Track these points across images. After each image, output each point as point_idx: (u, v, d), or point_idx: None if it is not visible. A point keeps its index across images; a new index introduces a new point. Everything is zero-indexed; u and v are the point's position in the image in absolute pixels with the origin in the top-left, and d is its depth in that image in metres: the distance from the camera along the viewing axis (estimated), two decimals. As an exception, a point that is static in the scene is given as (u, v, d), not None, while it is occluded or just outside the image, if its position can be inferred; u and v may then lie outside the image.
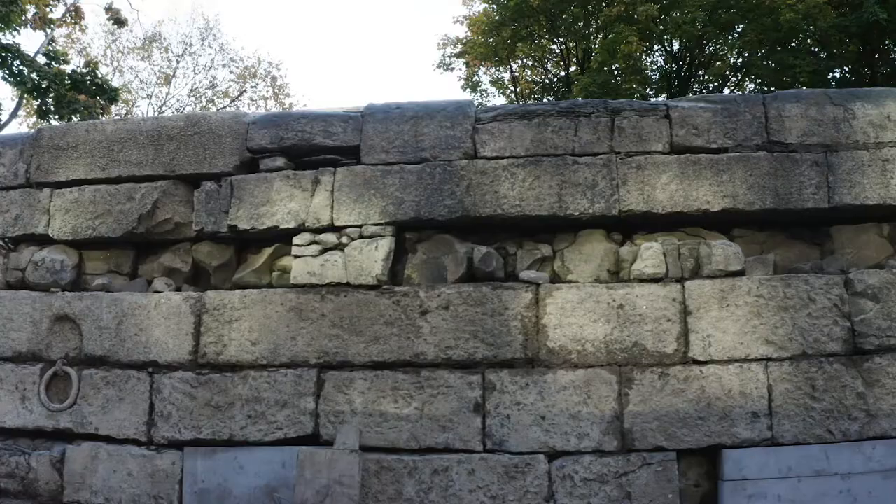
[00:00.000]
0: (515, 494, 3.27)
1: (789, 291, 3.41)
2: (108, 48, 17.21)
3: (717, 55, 11.51)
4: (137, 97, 17.57)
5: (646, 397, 3.31)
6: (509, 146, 3.56)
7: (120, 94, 11.35)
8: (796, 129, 3.59)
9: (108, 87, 9.57)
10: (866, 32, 9.36)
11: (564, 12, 11.05)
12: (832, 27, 9.35)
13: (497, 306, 3.41)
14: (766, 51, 10.08)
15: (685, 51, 11.44)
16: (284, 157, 3.65)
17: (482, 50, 12.12)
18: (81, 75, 9.21)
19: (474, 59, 12.63)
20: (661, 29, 10.56)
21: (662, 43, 11.36)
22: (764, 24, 9.83)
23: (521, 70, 13.19)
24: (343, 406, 3.40)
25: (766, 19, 9.72)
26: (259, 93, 18.32)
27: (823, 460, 3.33)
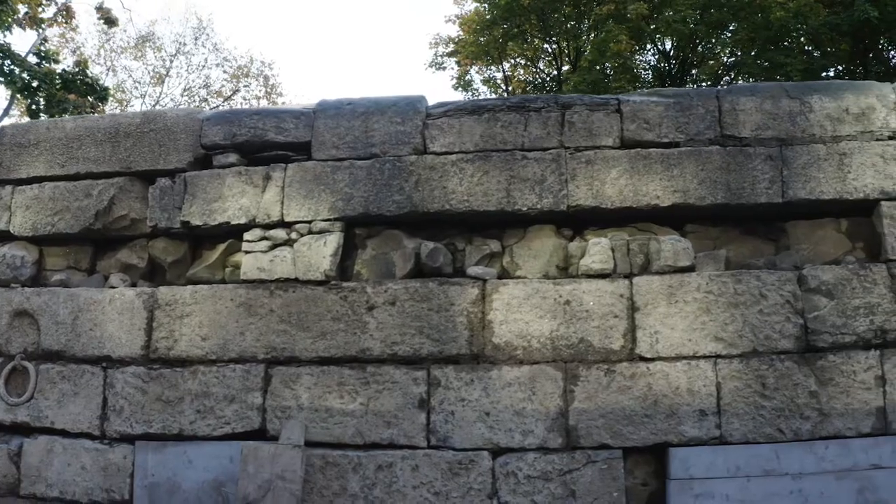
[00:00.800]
0: (459, 491, 3.20)
1: (740, 287, 3.29)
2: (101, 48, 17.21)
3: (709, 54, 11.31)
4: (131, 97, 17.62)
5: (591, 394, 3.22)
6: (458, 141, 3.49)
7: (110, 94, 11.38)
8: (750, 123, 3.47)
9: (98, 86, 9.62)
10: (858, 31, 9.13)
11: (556, 11, 10.93)
12: (823, 25, 9.13)
13: (443, 302, 3.33)
14: (758, 49, 9.88)
15: (678, 50, 11.27)
16: (237, 153, 3.60)
17: (473, 49, 12.03)
18: (72, 75, 9.27)
19: (465, 59, 12.55)
20: (653, 28, 10.40)
21: (654, 42, 11.20)
22: (755, 23, 9.63)
23: (513, 69, 13.08)
24: (290, 401, 3.34)
25: (757, 17, 9.53)
26: (252, 92, 18.29)
27: (774, 460, 3.21)
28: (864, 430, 3.22)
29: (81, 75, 9.35)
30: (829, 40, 9.60)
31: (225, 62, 19.45)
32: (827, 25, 9.07)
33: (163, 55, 18.01)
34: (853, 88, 3.59)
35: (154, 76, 17.47)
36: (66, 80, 9.07)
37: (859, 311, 3.30)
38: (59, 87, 8.89)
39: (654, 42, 11.28)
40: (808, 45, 10.08)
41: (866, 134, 3.49)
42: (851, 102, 3.53)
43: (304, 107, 3.61)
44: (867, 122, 3.50)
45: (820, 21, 9.08)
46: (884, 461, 3.23)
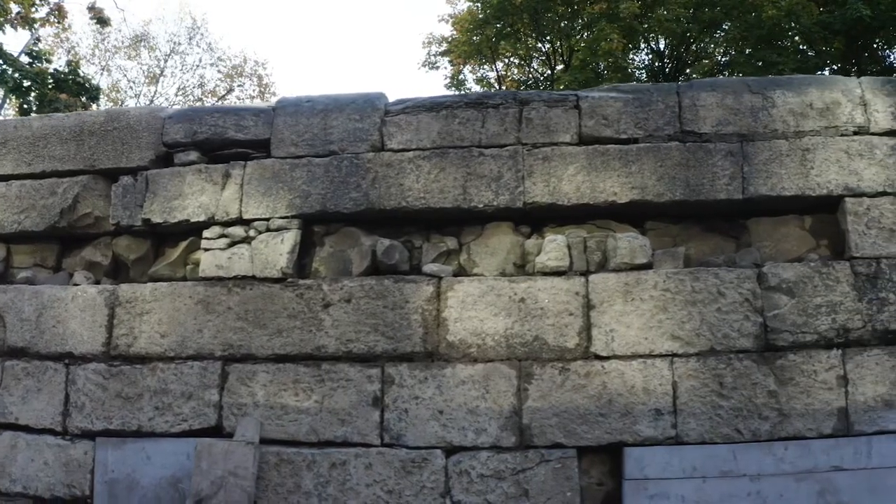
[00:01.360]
0: (412, 490, 3.14)
1: (698, 285, 3.21)
2: (96, 47, 17.12)
3: (703, 53, 11.15)
4: (126, 96, 17.52)
5: (545, 393, 3.15)
6: (416, 138, 3.43)
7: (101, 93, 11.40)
8: (711, 119, 3.38)
9: (89, 85, 9.67)
10: (851, 29, 8.95)
11: (549, 10, 10.82)
12: (816, 24, 8.96)
13: (398, 299, 3.28)
14: (751, 48, 9.72)
15: (672, 49, 11.12)
16: (198, 151, 3.57)
17: (466, 48, 11.95)
18: (64, 74, 9.31)
19: (458, 58, 12.46)
20: (645, 27, 10.27)
21: (648, 41, 11.06)
22: (747, 22, 9.47)
23: (507, 69, 12.99)
24: (246, 398, 3.31)
25: (750, 16, 9.37)
26: (246, 91, 18.15)
27: (731, 460, 3.12)
28: (826, 431, 3.12)
29: (73, 75, 9.40)
30: (822, 39, 9.42)
31: (220, 62, 19.26)
32: (820, 24, 8.90)
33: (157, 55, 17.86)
34: (818, 83, 3.49)
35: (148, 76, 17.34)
36: (58, 80, 9.12)
37: (821, 310, 3.20)
38: (51, 87, 8.94)
39: (648, 41, 11.15)
40: (802, 43, 9.91)
41: (830, 129, 3.39)
42: (815, 97, 3.43)
43: (265, 105, 3.58)
44: (832, 117, 3.40)
45: (813, 20, 8.92)
46: (845, 463, 3.13)
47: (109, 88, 15.85)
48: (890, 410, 3.15)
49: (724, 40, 10.31)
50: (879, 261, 3.26)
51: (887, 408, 3.15)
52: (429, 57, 13.39)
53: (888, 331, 3.20)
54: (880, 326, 3.20)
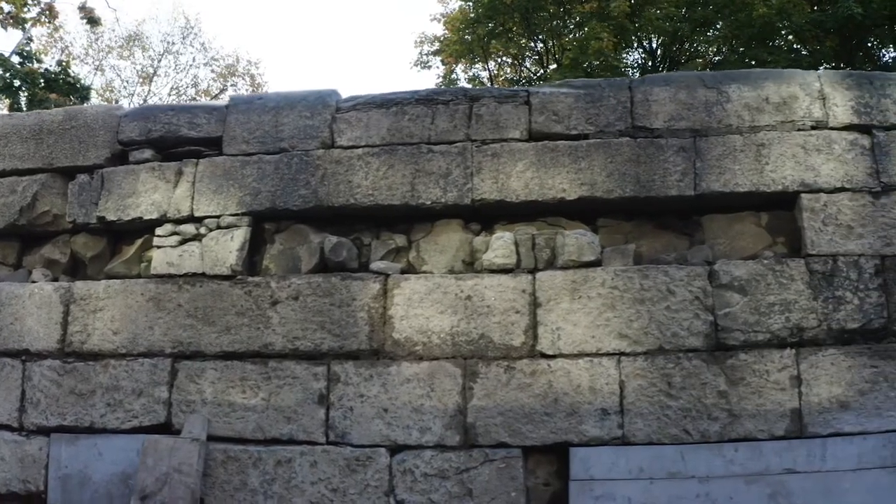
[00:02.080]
0: (356, 488, 3.08)
1: (647, 283, 3.11)
2: (90, 47, 17.04)
3: (696, 52, 10.97)
4: (120, 96, 17.42)
5: (490, 391, 3.07)
6: (365, 135, 3.37)
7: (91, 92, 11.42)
8: (663, 114, 3.28)
9: (80, 85, 9.71)
10: (843, 28, 8.75)
11: (541, 9, 10.70)
12: (808, 23, 8.77)
13: (345, 297, 3.22)
14: (743, 47, 9.54)
15: (665, 48, 10.95)
16: (152, 149, 3.54)
17: (457, 48, 11.86)
18: (54, 74, 9.36)
19: (449, 57, 12.38)
20: (636, 26, 10.11)
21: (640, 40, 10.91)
22: (739, 20, 9.29)
23: (499, 68, 12.86)
24: (194, 395, 3.27)
25: (741, 15, 9.19)
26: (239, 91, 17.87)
27: (679, 462, 3.02)
28: (778, 432, 3.00)
29: (63, 74, 9.45)
30: (814, 37, 9.23)
31: (213, 61, 19.09)
32: (812, 22, 8.70)
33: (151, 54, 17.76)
34: (775, 77, 3.37)
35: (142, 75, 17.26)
36: (49, 80, 9.17)
37: (774, 309, 3.09)
38: (41, 87, 9.00)
39: (640, 40, 10.99)
40: (796, 42, 9.71)
41: (787, 124, 3.27)
42: (772, 91, 3.31)
43: (218, 103, 3.55)
44: (789, 111, 3.29)
45: (805, 18, 8.72)
46: (798, 465, 3.01)
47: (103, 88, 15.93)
48: (845, 412, 3.03)
49: (716, 39, 10.12)
50: (836, 258, 3.15)
51: (843, 409, 3.03)
52: (421, 56, 13.33)
53: (844, 330, 3.08)
54: (836, 326, 3.08)
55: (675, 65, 10.79)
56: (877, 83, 3.38)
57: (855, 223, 3.18)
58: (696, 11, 9.64)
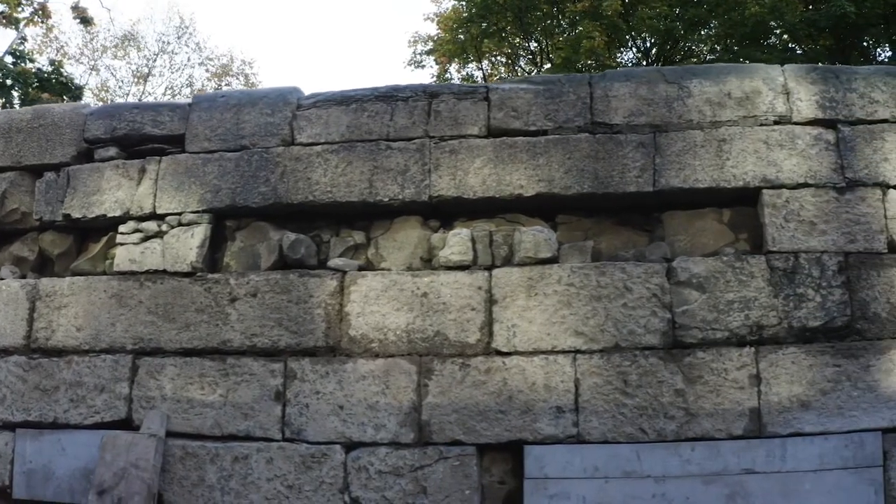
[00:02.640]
0: (311, 485, 3.05)
1: (603, 280, 3.06)
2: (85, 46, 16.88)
3: (690, 51, 10.84)
4: (115, 95, 17.30)
5: (445, 389, 3.03)
6: (325, 132, 3.34)
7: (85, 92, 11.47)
8: (623, 110, 3.22)
9: (72, 85, 9.77)
10: (836, 27, 8.60)
11: (534, 8, 10.62)
12: (801, 21, 8.62)
13: (302, 294, 3.20)
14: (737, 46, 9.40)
15: (660, 47, 10.82)
16: (117, 146, 3.52)
17: (450, 47, 11.80)
18: (47, 74, 9.42)
19: (442, 57, 12.32)
20: (628, 25, 9.99)
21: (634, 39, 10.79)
22: (732, 19, 9.16)
23: (494, 68, 12.78)
24: (154, 392, 3.26)
25: (734, 14, 9.06)
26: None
27: (635, 461, 2.96)
28: (736, 432, 2.94)
29: (56, 74, 9.51)
30: (808, 36, 9.07)
31: (208, 61, 18.93)
32: (805, 21, 8.56)
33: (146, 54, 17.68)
34: (738, 72, 3.30)
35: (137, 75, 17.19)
36: (42, 80, 9.23)
37: (733, 306, 3.02)
38: (34, 87, 9.06)
39: (634, 40, 10.88)
40: (791, 41, 9.56)
41: (749, 119, 3.20)
42: (735, 86, 3.24)
43: (182, 101, 3.54)
44: (751, 106, 3.22)
45: (797, 17, 8.58)
46: (757, 466, 2.94)
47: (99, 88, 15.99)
48: (806, 412, 2.96)
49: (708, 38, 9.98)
50: (798, 255, 3.07)
51: (803, 409, 2.96)
52: (414, 56, 13.28)
53: (806, 328, 3.01)
54: (797, 324, 3.01)
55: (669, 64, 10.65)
56: (843, 77, 3.30)
57: (818, 219, 3.10)
58: (689, 11, 9.51)
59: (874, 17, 8.48)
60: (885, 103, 3.25)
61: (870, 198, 3.14)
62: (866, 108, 3.24)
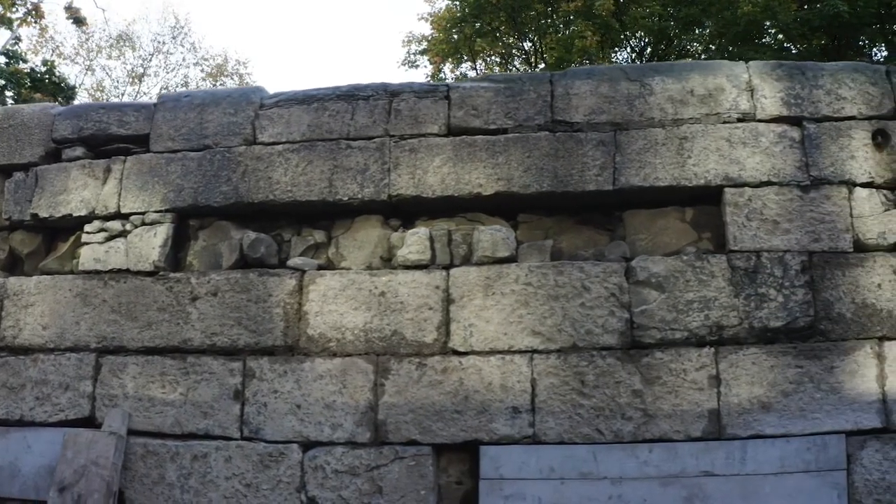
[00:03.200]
0: (269, 483, 3.03)
1: (561, 279, 3.01)
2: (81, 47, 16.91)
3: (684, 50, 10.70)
4: (110, 95, 17.21)
5: (402, 388, 3.00)
6: (286, 131, 3.32)
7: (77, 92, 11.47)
8: (584, 108, 3.17)
9: (65, 85, 9.81)
10: (830, 26, 8.46)
11: (528, 8, 10.53)
12: (795, 21, 8.49)
13: (262, 293, 3.18)
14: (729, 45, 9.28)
15: (654, 46, 10.70)
16: (84, 146, 3.52)
17: (444, 47, 11.74)
18: (40, 74, 9.47)
19: (436, 56, 12.26)
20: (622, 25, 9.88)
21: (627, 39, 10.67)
22: (724, 18, 9.04)
23: (489, 67, 12.66)
24: (116, 390, 3.25)
25: (727, 13, 8.94)
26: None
27: (591, 462, 2.91)
28: (695, 433, 2.88)
29: (49, 74, 9.56)
30: (801, 36, 8.93)
31: (203, 61, 18.91)
32: (798, 20, 8.43)
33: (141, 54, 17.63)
34: (701, 69, 3.24)
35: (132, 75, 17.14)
36: (35, 80, 9.28)
37: (693, 306, 2.97)
38: (28, 87, 9.11)
39: (628, 39, 10.76)
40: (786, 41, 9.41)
41: (712, 116, 3.14)
42: (697, 83, 3.19)
43: (147, 101, 3.54)
44: (714, 103, 3.16)
45: (791, 16, 8.46)
46: (716, 468, 2.88)
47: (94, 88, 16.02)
48: (767, 413, 2.90)
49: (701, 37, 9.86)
50: (760, 254, 3.01)
51: (764, 410, 2.90)
52: (408, 56, 13.23)
53: (767, 328, 2.95)
54: (758, 324, 2.95)
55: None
56: (809, 74, 3.24)
57: (781, 218, 3.04)
58: (682, 10, 9.39)
59: (868, 16, 8.33)
60: (852, 100, 3.18)
61: (835, 196, 3.07)
62: (833, 104, 3.17)
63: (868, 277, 3.00)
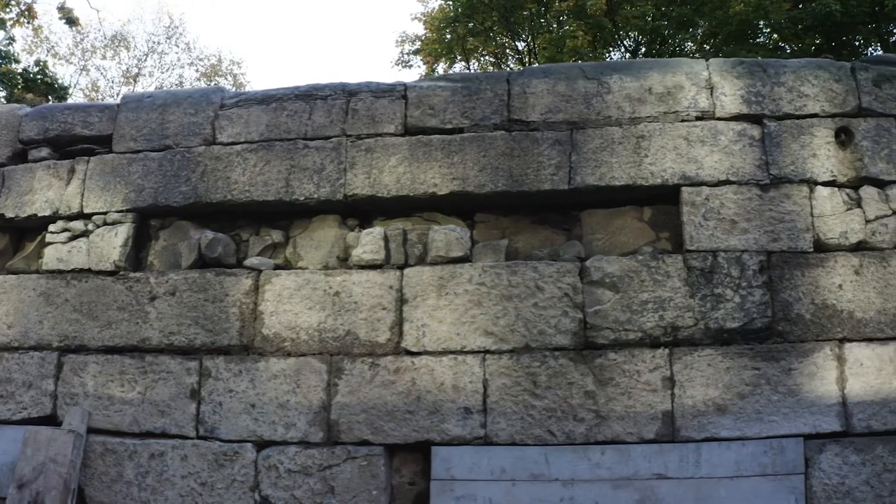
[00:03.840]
0: (223, 482, 3.02)
1: (515, 279, 2.98)
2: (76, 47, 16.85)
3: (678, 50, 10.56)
4: (105, 96, 17.17)
5: (354, 388, 2.98)
6: (245, 131, 3.31)
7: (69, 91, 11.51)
8: (541, 107, 3.13)
9: (57, 85, 9.86)
10: (822, 25, 8.31)
11: (521, 8, 10.45)
12: (787, 20, 8.36)
13: (219, 293, 3.17)
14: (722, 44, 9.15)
15: (649, 45, 10.57)
16: (50, 147, 3.53)
17: (436, 47, 11.69)
18: (32, 74, 9.53)
19: (429, 56, 12.20)
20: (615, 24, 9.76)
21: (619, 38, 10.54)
22: (716, 17, 8.92)
23: (482, 67, 12.57)
24: (77, 389, 3.26)
25: (719, 12, 8.82)
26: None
27: (542, 464, 2.88)
28: (648, 435, 2.84)
29: (41, 74, 9.62)
30: (794, 35, 8.79)
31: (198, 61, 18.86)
32: (790, 20, 8.30)
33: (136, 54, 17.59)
34: (660, 67, 3.19)
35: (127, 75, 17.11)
36: (27, 80, 9.35)
37: (648, 307, 2.92)
38: (20, 87, 9.18)
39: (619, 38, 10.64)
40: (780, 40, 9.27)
41: (670, 115, 3.09)
42: (656, 82, 3.13)
43: (111, 101, 3.55)
44: (672, 101, 3.11)
45: (783, 16, 8.32)
46: (669, 471, 2.84)
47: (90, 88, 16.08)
48: (723, 416, 2.85)
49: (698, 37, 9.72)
50: (717, 254, 2.96)
51: (719, 413, 2.85)
52: (402, 56, 13.20)
53: (723, 330, 2.90)
54: (714, 325, 2.90)
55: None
56: (770, 71, 3.18)
57: (739, 217, 2.99)
58: (673, 10, 9.27)
59: (861, 15, 8.18)
60: (815, 97, 3.12)
61: (795, 195, 3.01)
62: (795, 102, 3.11)
63: (829, 278, 2.94)
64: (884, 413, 2.84)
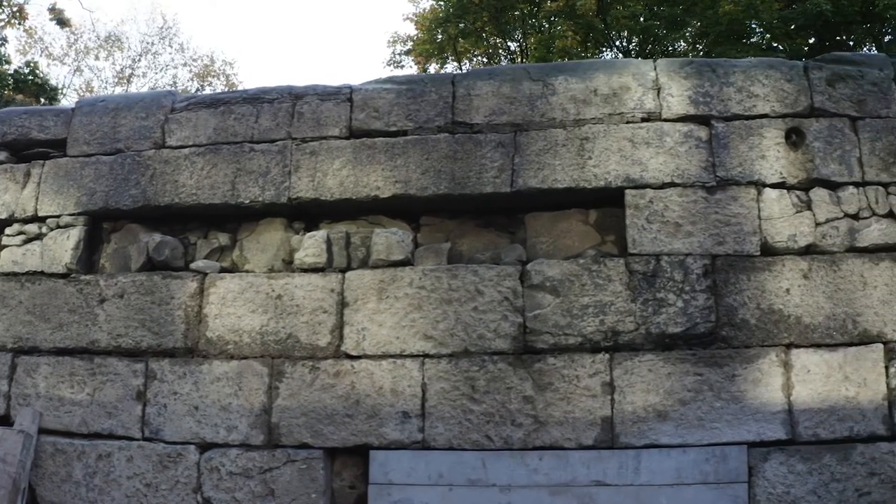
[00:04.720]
0: (168, 484, 3.03)
1: (455, 283, 2.94)
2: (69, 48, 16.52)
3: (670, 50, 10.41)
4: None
5: (295, 391, 2.96)
6: (193, 135, 3.29)
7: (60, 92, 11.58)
8: (485, 109, 3.08)
9: (48, 86, 9.95)
10: (813, 25, 8.14)
11: (512, 8, 10.36)
12: (778, 20, 8.20)
13: (165, 295, 3.17)
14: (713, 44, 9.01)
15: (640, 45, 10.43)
16: (8, 151, 3.55)
17: (428, 47, 11.65)
18: (23, 75, 9.62)
19: (420, 57, 12.15)
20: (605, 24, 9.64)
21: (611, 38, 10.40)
22: (707, 18, 8.77)
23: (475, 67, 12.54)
24: (30, 389, 3.28)
25: (709, 12, 8.68)
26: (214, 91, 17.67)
27: (480, 469, 2.84)
28: (587, 441, 2.79)
29: (32, 75, 9.71)
30: (786, 35, 8.62)
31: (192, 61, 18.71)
32: (781, 20, 8.14)
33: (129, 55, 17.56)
34: (606, 68, 3.12)
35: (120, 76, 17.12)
36: (18, 80, 9.44)
37: (588, 311, 2.87)
38: (10, 88, 9.27)
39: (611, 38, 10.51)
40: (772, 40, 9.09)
41: (615, 116, 3.03)
42: (602, 83, 3.07)
43: (66, 105, 3.57)
44: (618, 103, 3.04)
45: (773, 15, 8.16)
46: (608, 478, 2.78)
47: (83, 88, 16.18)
48: (663, 423, 2.79)
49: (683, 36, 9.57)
50: (660, 258, 2.90)
51: (660, 419, 2.79)
52: (394, 56, 13.16)
53: (665, 334, 2.84)
54: (656, 330, 2.84)
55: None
56: (720, 71, 3.10)
57: (684, 220, 2.92)
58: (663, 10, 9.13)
59: (853, 14, 8.00)
60: (765, 97, 3.04)
61: (743, 197, 2.94)
62: (744, 102, 3.03)
63: (776, 282, 2.87)
64: (831, 421, 2.77)
